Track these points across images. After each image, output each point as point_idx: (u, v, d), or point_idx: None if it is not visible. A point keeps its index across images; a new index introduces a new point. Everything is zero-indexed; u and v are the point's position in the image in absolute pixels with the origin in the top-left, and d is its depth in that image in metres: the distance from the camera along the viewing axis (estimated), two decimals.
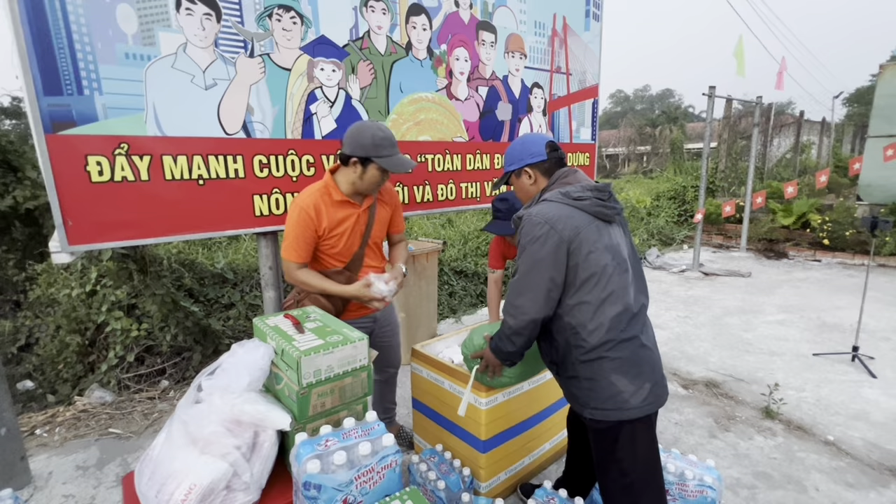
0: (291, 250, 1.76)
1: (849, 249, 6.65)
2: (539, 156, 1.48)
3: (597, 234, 1.34)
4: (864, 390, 3.00)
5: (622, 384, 1.33)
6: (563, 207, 1.34)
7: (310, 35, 2.10)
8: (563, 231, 1.30)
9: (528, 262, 1.34)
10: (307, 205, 1.73)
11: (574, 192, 1.37)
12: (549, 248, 1.30)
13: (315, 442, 1.21)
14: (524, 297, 1.35)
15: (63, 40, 1.57)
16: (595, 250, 1.32)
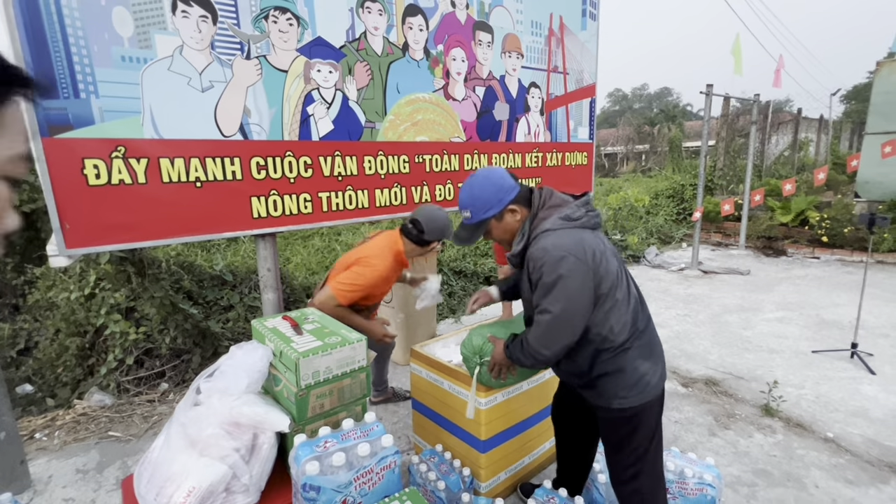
0: (348, 296, 1.96)
1: (847, 246, 6.66)
2: (514, 189, 1.43)
3: (601, 245, 1.38)
4: (863, 387, 3.00)
5: (644, 367, 1.41)
6: (573, 233, 1.34)
7: (306, 36, 2.10)
8: (586, 259, 1.30)
9: (561, 300, 1.30)
10: (387, 275, 2.01)
11: (573, 214, 1.37)
12: (580, 281, 1.29)
13: (314, 443, 1.21)
14: (552, 340, 1.35)
15: (59, 44, 1.57)
16: (606, 261, 1.36)
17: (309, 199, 2.20)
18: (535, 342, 1.39)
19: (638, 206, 8.82)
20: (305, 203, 2.19)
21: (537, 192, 1.46)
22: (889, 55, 7.09)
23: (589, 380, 1.47)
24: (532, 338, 1.40)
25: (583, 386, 1.52)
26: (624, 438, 1.48)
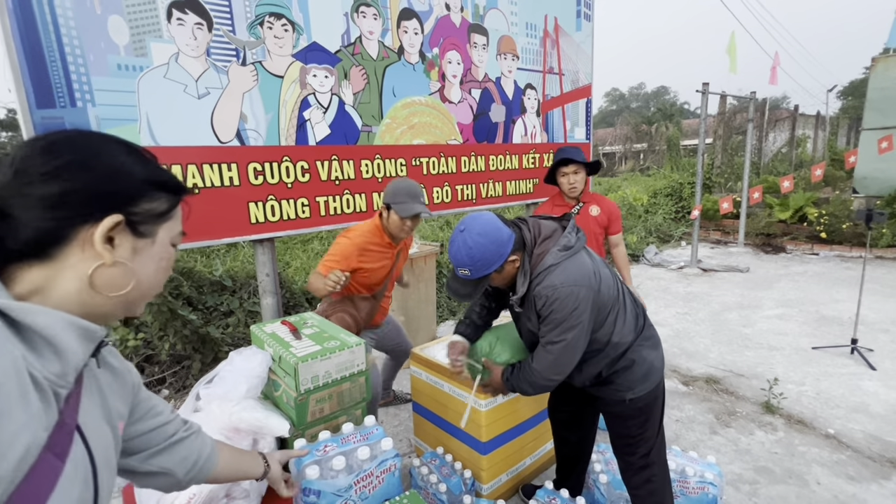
0: (325, 266, 1.91)
1: (846, 242, 6.67)
2: (511, 238, 1.37)
3: (595, 262, 1.42)
4: (864, 382, 3.01)
5: (652, 356, 1.50)
6: (575, 261, 1.36)
7: (301, 42, 2.11)
8: (592, 285, 1.34)
9: (574, 328, 1.34)
10: (359, 243, 1.95)
11: (570, 242, 1.38)
12: (589, 308, 1.34)
13: (314, 447, 1.21)
14: (563, 365, 1.41)
15: (55, 53, 1.58)
16: (603, 276, 1.41)
17: (307, 204, 2.20)
18: (546, 371, 1.43)
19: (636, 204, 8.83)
20: (303, 208, 2.19)
21: (526, 230, 1.43)
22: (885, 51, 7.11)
23: (602, 379, 1.52)
24: (541, 367, 1.43)
25: (596, 385, 1.56)
26: (636, 429, 1.55)
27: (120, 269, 0.56)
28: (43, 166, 0.52)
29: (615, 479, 1.84)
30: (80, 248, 0.54)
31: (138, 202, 0.58)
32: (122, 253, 0.57)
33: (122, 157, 0.58)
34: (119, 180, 0.56)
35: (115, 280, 0.56)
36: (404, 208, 1.92)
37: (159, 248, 0.62)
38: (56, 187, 0.52)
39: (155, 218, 0.60)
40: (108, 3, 1.65)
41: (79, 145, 0.55)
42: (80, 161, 0.54)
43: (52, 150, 0.53)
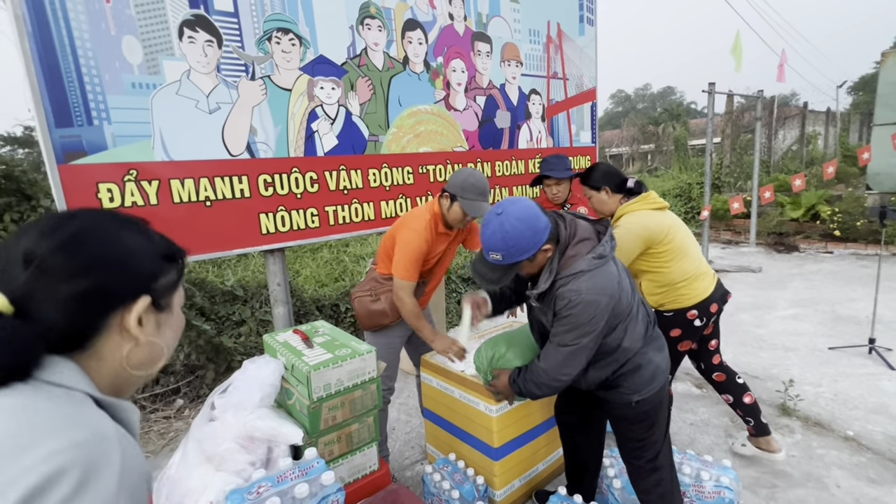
0: (410, 272, 1.91)
1: (861, 239, 6.55)
2: (547, 227, 1.36)
3: (621, 272, 1.43)
4: (883, 383, 2.95)
5: (658, 358, 1.52)
6: (605, 271, 1.36)
7: (308, 55, 2.15)
8: (613, 294, 1.36)
9: (590, 333, 1.35)
10: (427, 236, 1.93)
11: (605, 252, 1.37)
12: (604, 317, 1.35)
13: (245, 491, 1.12)
14: (572, 367, 1.42)
15: (72, 74, 1.63)
16: (624, 287, 1.42)
17: (316, 214, 2.23)
18: (553, 370, 1.43)
19: None
20: (313, 217, 2.22)
21: (563, 226, 1.41)
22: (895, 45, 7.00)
23: (609, 383, 1.53)
24: (549, 367, 1.44)
25: (602, 388, 1.56)
26: (642, 432, 1.56)
27: (150, 346, 0.59)
28: (68, 263, 0.52)
29: (629, 485, 1.83)
30: (117, 334, 0.56)
31: (157, 279, 0.59)
32: (149, 330, 0.59)
33: (137, 238, 0.59)
34: (141, 264, 0.58)
35: (147, 357, 0.59)
36: (473, 207, 1.89)
37: (175, 318, 0.64)
38: (86, 283, 0.52)
39: (170, 289, 0.62)
40: (122, 24, 1.71)
41: (98, 237, 0.56)
42: (105, 254, 0.55)
43: (73, 246, 0.53)
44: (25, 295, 0.50)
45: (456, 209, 1.92)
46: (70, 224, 0.55)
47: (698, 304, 2.04)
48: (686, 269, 2.03)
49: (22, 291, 0.50)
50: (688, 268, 2.04)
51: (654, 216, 2.01)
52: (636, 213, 2.02)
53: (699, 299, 2.04)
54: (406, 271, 1.91)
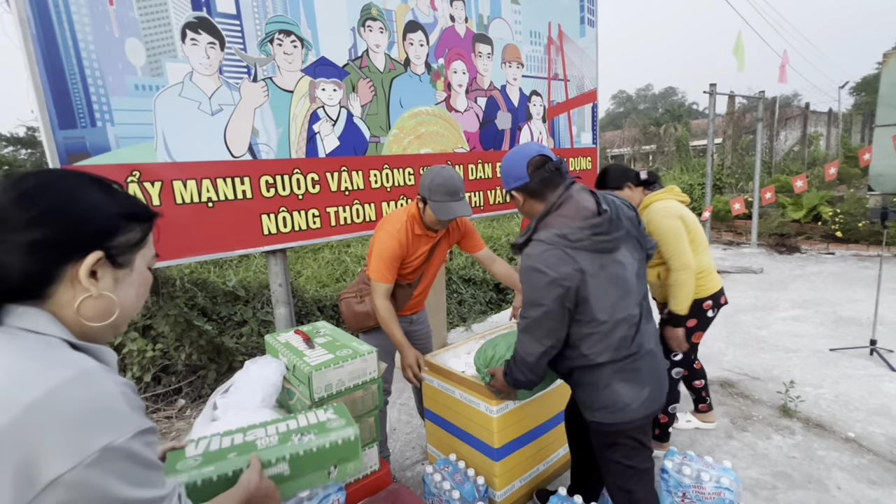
0: (383, 273, 1.89)
1: (863, 241, 6.54)
2: (521, 179, 1.39)
3: (600, 270, 1.32)
4: (885, 384, 2.94)
5: (623, 390, 1.39)
6: (562, 254, 1.29)
7: (310, 57, 2.16)
8: (564, 281, 1.28)
9: (534, 308, 1.34)
10: (401, 237, 1.89)
11: (572, 235, 1.30)
12: (553, 298, 1.30)
13: None
14: (533, 336, 1.39)
15: (76, 76, 1.64)
16: (600, 287, 1.32)
17: (317, 215, 2.24)
18: (521, 349, 1.44)
19: None
20: (314, 218, 2.23)
21: (557, 194, 1.38)
22: None
23: (573, 383, 1.51)
24: (518, 346, 1.45)
25: (571, 387, 1.56)
26: (605, 451, 1.51)
27: (104, 300, 0.62)
28: (23, 214, 0.56)
29: None
30: (69, 284, 0.60)
31: (115, 236, 0.63)
32: (104, 285, 0.62)
33: (96, 195, 0.63)
34: (96, 219, 0.61)
35: (101, 310, 0.62)
36: (442, 209, 1.79)
37: (137, 276, 0.67)
38: (39, 233, 0.56)
39: (131, 248, 0.65)
40: (125, 26, 1.72)
41: (55, 190, 0.59)
42: (58, 206, 0.58)
43: (29, 197, 0.57)
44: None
45: (429, 213, 1.85)
46: (29, 180, 0.59)
47: (712, 295, 2.20)
48: (703, 262, 2.18)
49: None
50: (705, 260, 2.19)
51: (682, 206, 2.15)
52: (667, 201, 2.12)
53: (713, 291, 2.21)
54: (377, 272, 1.89)
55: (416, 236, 1.94)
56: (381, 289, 1.90)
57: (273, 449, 1.01)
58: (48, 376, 0.52)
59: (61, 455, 0.49)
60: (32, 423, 0.49)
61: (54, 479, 0.48)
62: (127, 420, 0.55)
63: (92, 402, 0.53)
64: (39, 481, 0.48)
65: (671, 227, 2.04)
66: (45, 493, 0.48)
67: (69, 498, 0.49)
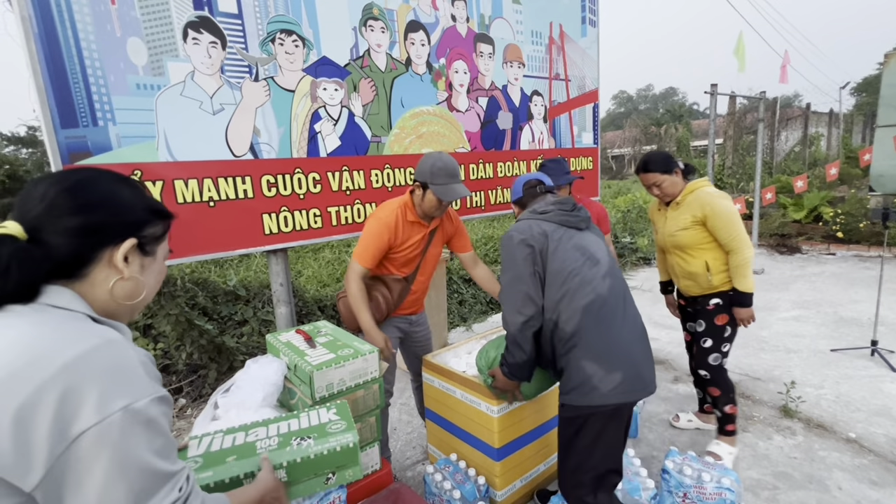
0: (364, 256, 1.91)
1: (864, 241, 6.53)
2: (516, 194, 1.79)
3: (565, 236, 1.52)
4: (886, 385, 2.94)
5: (591, 369, 1.40)
6: (531, 222, 1.56)
7: (312, 57, 2.16)
8: (531, 240, 1.49)
9: (508, 275, 1.52)
10: (389, 221, 1.91)
11: (539, 208, 1.61)
12: (522, 258, 1.48)
13: None
14: (512, 305, 1.50)
15: (78, 75, 1.64)
16: (563, 249, 1.49)
17: (318, 214, 2.24)
18: (503, 318, 1.54)
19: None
20: (315, 218, 2.23)
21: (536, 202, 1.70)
22: None
23: (557, 372, 1.54)
24: (503, 320, 1.55)
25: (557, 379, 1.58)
26: (569, 442, 1.49)
27: (133, 282, 0.71)
28: (71, 203, 0.66)
29: (631, 486, 1.83)
30: (105, 266, 0.69)
31: (145, 227, 0.73)
32: (134, 269, 0.71)
33: (129, 191, 0.73)
34: (132, 211, 0.72)
35: (130, 291, 0.72)
36: (446, 191, 1.84)
37: (158, 265, 0.77)
38: (85, 220, 0.66)
39: (156, 239, 0.75)
40: (127, 25, 1.72)
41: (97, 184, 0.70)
42: (101, 198, 0.69)
43: (77, 189, 0.67)
44: (37, 226, 0.64)
45: (430, 197, 1.88)
46: (73, 176, 0.69)
47: None
48: None
49: (34, 223, 0.64)
50: None
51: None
52: (711, 187, 2.16)
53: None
54: (360, 255, 1.89)
55: (409, 223, 1.95)
56: (358, 269, 1.89)
57: (271, 454, 1.01)
58: (78, 342, 0.59)
59: (87, 412, 0.56)
60: (65, 381, 0.55)
61: (81, 432, 0.55)
62: (145, 386, 0.62)
63: (115, 366, 0.60)
64: (69, 435, 0.55)
65: (729, 208, 2.07)
66: (73, 446, 0.55)
67: (90, 453, 0.55)
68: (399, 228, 1.92)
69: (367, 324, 1.87)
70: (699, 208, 2.10)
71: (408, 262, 2.01)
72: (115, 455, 0.56)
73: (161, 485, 0.61)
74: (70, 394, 0.55)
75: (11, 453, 0.53)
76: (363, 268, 1.90)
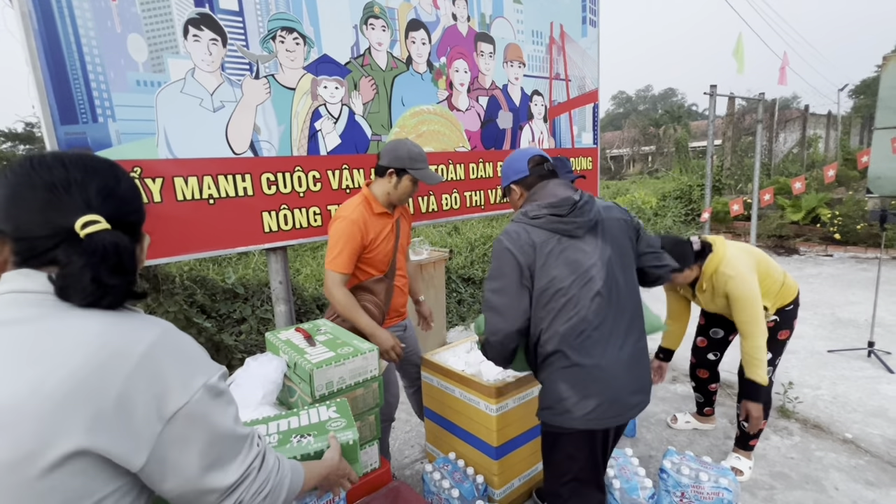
0: (339, 261, 1.81)
1: (861, 243, 6.56)
2: (521, 172, 1.53)
3: (557, 249, 1.35)
4: (882, 386, 2.96)
5: (566, 392, 1.34)
6: (521, 228, 1.38)
7: (312, 54, 2.16)
8: (519, 255, 1.34)
9: (494, 283, 1.39)
10: (356, 218, 1.83)
11: (531, 212, 1.39)
12: (509, 271, 1.35)
13: None
14: (495, 314, 1.38)
15: (78, 71, 1.64)
16: (553, 265, 1.33)
17: (318, 213, 2.24)
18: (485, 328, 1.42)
19: (645, 207, 8.79)
20: (315, 216, 2.23)
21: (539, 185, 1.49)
22: None
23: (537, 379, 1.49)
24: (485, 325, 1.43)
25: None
26: (546, 454, 1.50)
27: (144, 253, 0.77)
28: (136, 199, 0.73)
29: (629, 485, 1.84)
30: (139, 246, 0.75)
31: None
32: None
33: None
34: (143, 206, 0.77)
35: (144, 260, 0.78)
36: (427, 176, 1.87)
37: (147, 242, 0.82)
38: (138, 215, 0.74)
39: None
40: (127, 21, 1.72)
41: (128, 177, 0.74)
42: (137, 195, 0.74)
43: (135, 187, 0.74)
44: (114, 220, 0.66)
45: (406, 183, 1.87)
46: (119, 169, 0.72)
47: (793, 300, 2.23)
48: (774, 265, 2.16)
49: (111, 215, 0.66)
50: (774, 264, 2.17)
51: (737, 251, 2.06)
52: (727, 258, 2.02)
53: (797, 284, 2.26)
54: (334, 262, 1.81)
55: (376, 216, 1.90)
56: (339, 279, 1.82)
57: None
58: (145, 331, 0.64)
59: (175, 394, 0.62)
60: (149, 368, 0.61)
61: (174, 412, 0.61)
62: (210, 363, 0.69)
63: (184, 350, 0.66)
64: (165, 415, 0.61)
65: (746, 291, 1.94)
66: (169, 426, 0.61)
67: (185, 429, 0.63)
68: (368, 224, 1.86)
69: (370, 326, 1.82)
70: (722, 291, 2.03)
71: (383, 257, 1.95)
72: (205, 427, 0.64)
73: (244, 445, 0.70)
74: (156, 379, 0.61)
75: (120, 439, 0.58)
76: (341, 274, 1.82)
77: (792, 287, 2.21)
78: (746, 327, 1.95)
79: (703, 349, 2.48)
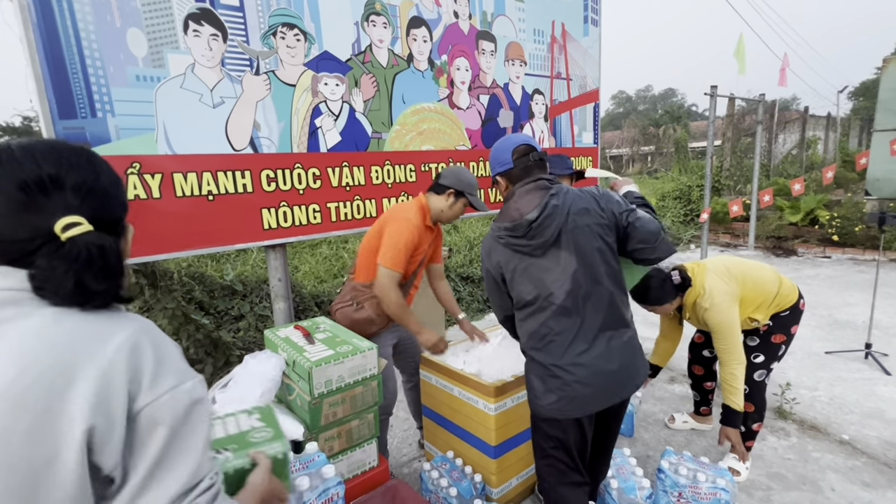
0: (399, 259, 1.87)
1: (859, 245, 6.58)
2: (506, 164, 1.48)
3: (520, 267, 1.43)
4: (879, 388, 2.97)
5: (535, 383, 1.48)
6: (491, 244, 1.49)
7: (313, 51, 2.14)
8: (492, 270, 1.49)
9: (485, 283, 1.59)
10: (418, 223, 1.93)
11: (496, 231, 1.47)
12: (489, 280, 1.53)
13: None
14: (492, 304, 1.60)
15: (77, 66, 1.63)
16: (518, 281, 1.44)
17: (318, 210, 2.23)
18: None
19: None
20: (314, 213, 2.22)
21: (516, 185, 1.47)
22: None
23: None
24: None
25: None
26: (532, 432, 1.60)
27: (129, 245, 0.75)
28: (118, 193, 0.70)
29: (626, 485, 1.84)
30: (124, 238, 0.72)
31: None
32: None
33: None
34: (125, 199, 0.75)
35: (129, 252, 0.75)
36: (479, 203, 2.01)
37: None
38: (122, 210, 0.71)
39: None
40: (127, 16, 1.70)
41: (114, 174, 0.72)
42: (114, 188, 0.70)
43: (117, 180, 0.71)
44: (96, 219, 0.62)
45: (459, 206, 1.98)
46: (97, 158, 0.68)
47: (799, 293, 2.25)
48: (766, 277, 2.18)
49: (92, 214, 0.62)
50: (766, 275, 2.19)
51: (715, 281, 2.09)
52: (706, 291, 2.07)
53: (797, 290, 2.26)
54: (394, 260, 1.85)
55: (427, 228, 2.00)
56: (395, 276, 1.87)
57: None
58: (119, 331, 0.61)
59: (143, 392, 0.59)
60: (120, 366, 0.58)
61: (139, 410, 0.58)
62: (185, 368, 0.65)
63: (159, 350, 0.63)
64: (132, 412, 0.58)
65: (722, 321, 2.00)
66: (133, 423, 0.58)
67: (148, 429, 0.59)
68: (422, 233, 1.96)
69: (418, 326, 1.98)
70: (702, 320, 2.11)
71: (414, 266, 2.00)
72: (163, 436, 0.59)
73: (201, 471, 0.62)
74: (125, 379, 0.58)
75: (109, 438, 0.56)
76: (399, 273, 1.88)
77: (790, 293, 2.21)
78: (723, 355, 2.03)
79: (699, 345, 2.53)
